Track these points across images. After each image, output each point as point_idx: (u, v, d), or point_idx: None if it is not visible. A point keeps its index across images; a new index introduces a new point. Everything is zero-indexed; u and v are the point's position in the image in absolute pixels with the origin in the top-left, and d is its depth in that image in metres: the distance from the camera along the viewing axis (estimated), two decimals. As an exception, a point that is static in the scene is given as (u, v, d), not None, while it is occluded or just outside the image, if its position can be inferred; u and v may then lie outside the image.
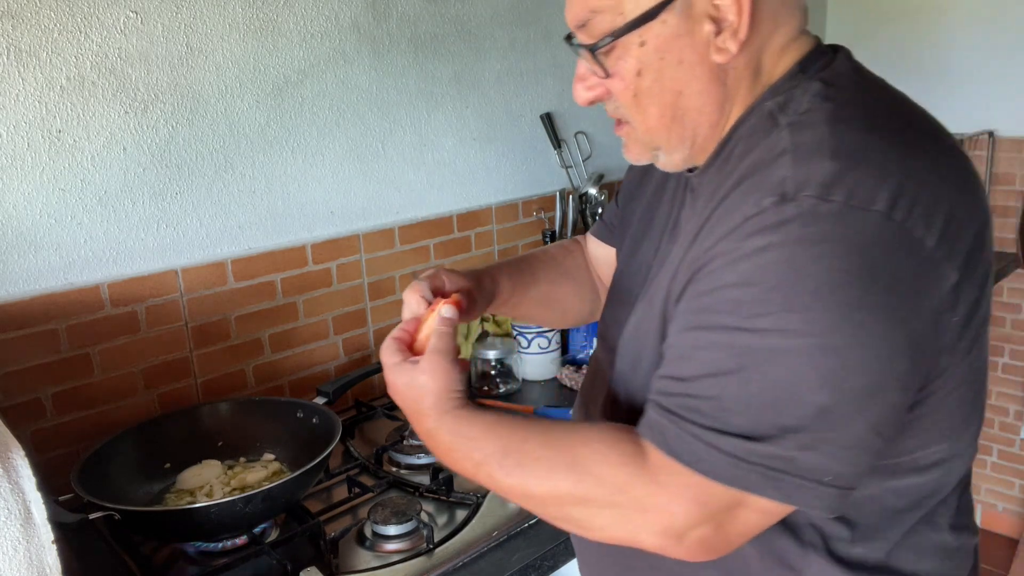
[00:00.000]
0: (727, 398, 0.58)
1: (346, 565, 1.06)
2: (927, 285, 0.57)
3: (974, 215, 0.61)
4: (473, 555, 1.07)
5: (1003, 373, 2.52)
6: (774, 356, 0.56)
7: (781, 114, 0.65)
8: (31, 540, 0.72)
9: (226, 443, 1.27)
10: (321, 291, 1.51)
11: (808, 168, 0.58)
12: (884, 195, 0.56)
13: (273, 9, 1.37)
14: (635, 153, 0.75)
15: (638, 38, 0.66)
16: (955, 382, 0.63)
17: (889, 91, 0.68)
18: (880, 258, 0.55)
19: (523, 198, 1.85)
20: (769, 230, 0.57)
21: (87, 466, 1.09)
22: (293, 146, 1.44)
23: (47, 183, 1.17)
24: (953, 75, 2.43)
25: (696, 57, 0.66)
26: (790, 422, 0.56)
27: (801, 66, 0.68)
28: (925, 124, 0.65)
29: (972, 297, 0.60)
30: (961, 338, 0.61)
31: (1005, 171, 2.40)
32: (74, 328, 1.21)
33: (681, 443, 0.60)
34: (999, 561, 2.49)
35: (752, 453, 0.57)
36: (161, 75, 1.26)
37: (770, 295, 0.56)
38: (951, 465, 0.69)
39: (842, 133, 0.60)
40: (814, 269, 0.55)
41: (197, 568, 1.07)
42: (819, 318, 0.55)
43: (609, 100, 0.72)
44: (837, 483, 0.58)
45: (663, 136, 0.71)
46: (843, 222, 0.55)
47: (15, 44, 1.11)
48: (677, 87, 0.67)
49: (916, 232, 0.56)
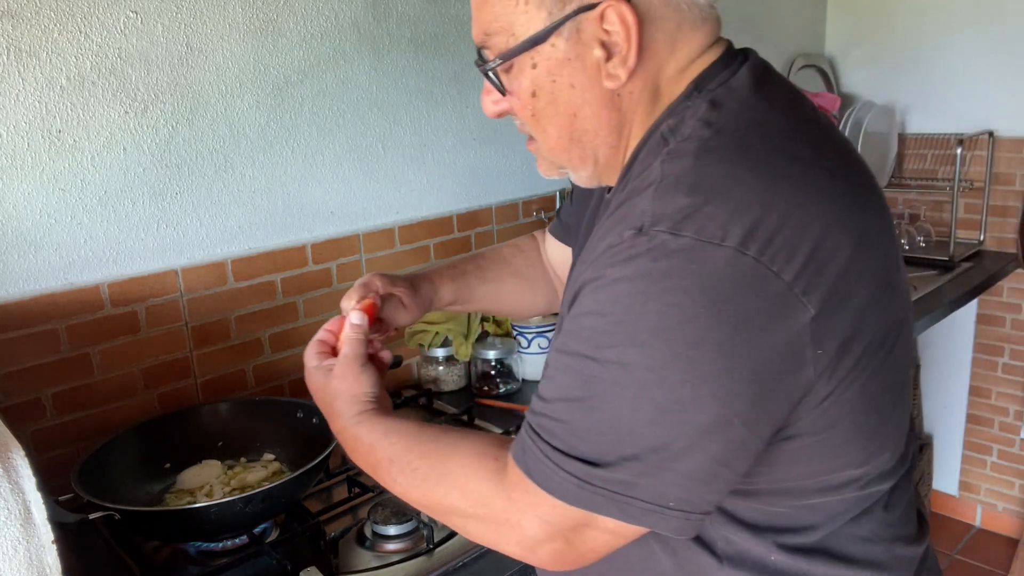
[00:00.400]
0: (575, 423, 0.60)
1: (346, 565, 1.06)
2: (778, 321, 0.56)
3: (846, 239, 0.59)
4: (473, 555, 1.07)
5: (1003, 373, 2.52)
6: (615, 388, 0.58)
7: (671, 136, 0.65)
8: (31, 540, 0.72)
9: (226, 443, 1.27)
10: (321, 291, 1.51)
11: (664, 202, 0.58)
12: (738, 230, 0.55)
13: (273, 9, 1.37)
14: (543, 168, 0.77)
15: (530, 60, 0.67)
16: (846, 409, 0.62)
17: (779, 104, 0.66)
18: (727, 294, 0.55)
19: (523, 198, 1.85)
20: (622, 263, 0.58)
21: (87, 466, 1.09)
22: (293, 146, 1.44)
23: (47, 183, 1.17)
24: (953, 75, 2.43)
25: (587, 82, 0.67)
26: (629, 451, 0.58)
27: (696, 84, 0.67)
28: (805, 146, 0.63)
29: (845, 327, 0.59)
30: (837, 368, 0.59)
31: (1005, 171, 2.40)
32: (74, 328, 1.21)
33: (536, 462, 0.62)
34: (999, 561, 2.49)
35: (596, 477, 0.59)
36: (161, 75, 1.26)
37: (617, 327, 0.58)
38: (869, 485, 0.68)
39: (704, 166, 0.60)
40: (658, 305, 0.56)
41: (197, 568, 1.07)
42: (656, 354, 0.56)
43: (515, 116, 0.74)
44: (682, 508, 0.59)
45: (564, 156, 0.73)
46: (692, 257, 0.55)
47: (15, 44, 1.11)
48: (571, 110, 0.69)
49: (774, 266, 0.55)
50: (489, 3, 0.68)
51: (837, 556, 0.69)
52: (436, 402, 1.55)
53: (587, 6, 0.64)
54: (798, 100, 0.68)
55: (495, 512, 0.65)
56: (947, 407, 2.66)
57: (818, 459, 0.64)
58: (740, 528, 0.67)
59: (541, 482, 0.61)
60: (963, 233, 2.47)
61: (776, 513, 0.67)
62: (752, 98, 0.65)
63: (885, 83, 2.58)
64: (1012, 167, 2.38)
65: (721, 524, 0.67)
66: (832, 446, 0.64)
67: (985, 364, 2.55)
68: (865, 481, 0.68)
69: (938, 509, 2.75)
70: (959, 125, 2.44)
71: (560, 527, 0.62)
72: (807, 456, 0.64)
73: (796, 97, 0.69)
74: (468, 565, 1.06)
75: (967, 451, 2.65)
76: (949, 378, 2.63)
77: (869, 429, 0.65)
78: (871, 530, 0.70)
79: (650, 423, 0.57)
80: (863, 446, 0.66)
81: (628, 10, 0.63)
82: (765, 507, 0.67)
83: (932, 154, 2.53)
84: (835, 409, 0.61)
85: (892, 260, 0.65)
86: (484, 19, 0.69)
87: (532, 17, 0.65)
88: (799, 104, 0.68)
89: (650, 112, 0.69)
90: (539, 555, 0.65)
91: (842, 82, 2.69)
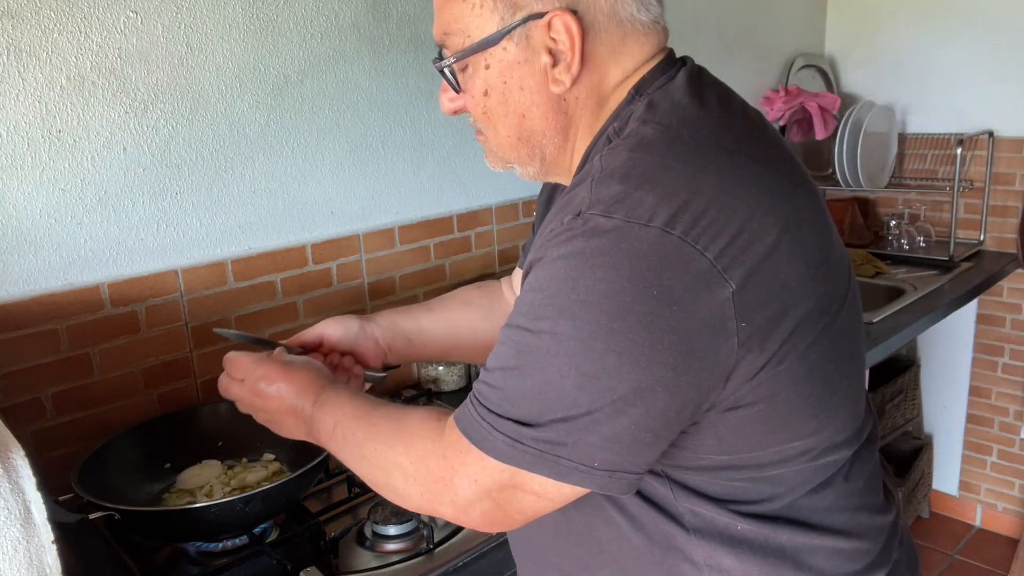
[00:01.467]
0: (509, 389, 0.65)
1: (346, 565, 1.06)
2: (701, 295, 0.60)
3: (772, 221, 0.64)
4: (473, 555, 1.07)
5: (1003, 373, 2.52)
6: (546, 356, 0.62)
7: (616, 137, 0.70)
8: (31, 540, 0.72)
9: (226, 443, 1.27)
10: (321, 291, 1.51)
11: (600, 190, 0.64)
12: (665, 212, 0.60)
13: (273, 9, 1.37)
14: (491, 162, 0.82)
15: (484, 61, 0.73)
16: (784, 379, 0.65)
17: (709, 102, 0.71)
18: (652, 270, 0.59)
19: (523, 198, 1.85)
20: (561, 243, 0.63)
21: (87, 466, 1.09)
22: (293, 146, 1.44)
23: (47, 183, 1.17)
24: (953, 75, 2.43)
25: (536, 85, 0.72)
26: (558, 415, 0.62)
27: (637, 88, 0.73)
28: (731, 139, 0.68)
29: (772, 302, 0.63)
30: (768, 339, 0.63)
31: (1005, 171, 2.40)
32: (74, 328, 1.21)
33: (471, 424, 0.67)
34: (999, 561, 2.49)
35: (526, 436, 0.63)
36: (161, 75, 1.26)
37: (551, 300, 0.62)
38: (822, 455, 0.71)
39: (637, 158, 0.65)
40: (589, 280, 0.60)
41: (197, 568, 1.07)
42: (584, 325, 0.60)
43: (469, 113, 0.79)
44: (607, 468, 0.63)
45: (512, 153, 0.78)
46: (621, 236, 0.60)
47: (15, 44, 1.11)
48: (520, 110, 0.74)
49: (698, 244, 0.60)
50: (448, 5, 0.73)
51: (802, 524, 0.72)
52: (436, 402, 1.55)
53: (536, 14, 0.69)
54: (728, 98, 0.74)
55: (431, 469, 0.70)
56: (947, 407, 2.66)
57: (765, 430, 0.68)
58: (704, 501, 0.71)
59: (477, 441, 0.66)
60: (963, 233, 2.47)
61: (735, 486, 0.71)
62: (684, 98, 0.70)
63: (885, 83, 2.58)
64: (1012, 167, 2.38)
65: (684, 497, 0.71)
66: (777, 416, 0.67)
67: (985, 364, 2.55)
68: (817, 451, 0.71)
69: (938, 509, 2.75)
70: (959, 125, 2.44)
71: (488, 488, 0.67)
72: (753, 427, 0.67)
73: (727, 96, 0.74)
74: (468, 565, 1.06)
75: (967, 451, 2.65)
76: (949, 378, 2.63)
77: (816, 399, 0.69)
78: (832, 500, 0.74)
79: (577, 388, 0.61)
80: (811, 415, 0.69)
81: (573, 21, 0.69)
82: (723, 481, 0.70)
83: (932, 154, 2.53)
84: (773, 379, 0.65)
85: (824, 240, 0.69)
86: (443, 19, 0.74)
87: (486, 20, 0.71)
88: (728, 102, 0.73)
89: (596, 116, 0.74)
90: (471, 516, 0.69)
91: (842, 82, 2.69)
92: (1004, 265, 2.32)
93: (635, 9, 0.71)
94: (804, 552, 0.72)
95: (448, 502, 0.69)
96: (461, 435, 0.68)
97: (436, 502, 0.70)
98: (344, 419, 0.79)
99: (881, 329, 1.84)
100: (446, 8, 0.73)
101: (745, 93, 0.81)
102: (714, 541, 0.71)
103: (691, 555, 0.71)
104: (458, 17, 0.72)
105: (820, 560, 0.72)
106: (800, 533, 0.72)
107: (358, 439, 0.77)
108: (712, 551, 0.71)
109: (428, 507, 0.72)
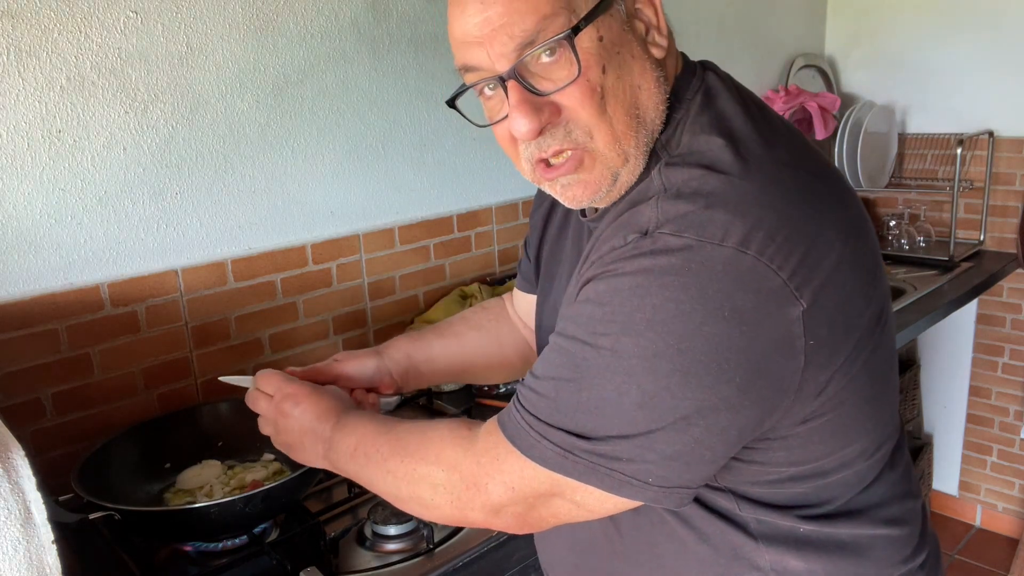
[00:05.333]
0: (561, 401, 0.63)
1: (346, 565, 1.06)
2: (773, 315, 0.59)
3: (836, 235, 0.63)
4: (473, 555, 1.07)
5: (1003, 373, 2.52)
6: (605, 373, 0.61)
7: (663, 152, 0.69)
8: (31, 540, 0.72)
9: (226, 443, 1.27)
10: (321, 291, 1.51)
11: (667, 208, 0.62)
12: (738, 231, 0.59)
13: (273, 9, 1.37)
14: (593, 185, 0.69)
15: (595, 33, 0.65)
16: (853, 388, 0.66)
17: (752, 113, 0.69)
18: (725, 291, 0.58)
19: (523, 198, 1.85)
20: (626, 260, 0.62)
21: (87, 466, 1.09)
22: (293, 146, 1.44)
23: (47, 183, 1.17)
24: (953, 75, 2.43)
25: (641, 52, 0.68)
26: (615, 431, 0.61)
27: (675, 93, 0.70)
28: (785, 151, 0.67)
29: (838, 315, 0.62)
30: (834, 353, 0.63)
31: (1005, 171, 2.40)
32: (74, 328, 1.21)
33: (518, 430, 0.66)
34: (999, 561, 2.49)
35: (578, 448, 0.62)
36: (161, 75, 1.25)
37: (614, 316, 0.61)
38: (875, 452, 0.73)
39: (701, 176, 0.63)
40: (656, 299, 0.59)
41: (197, 568, 1.07)
42: (649, 344, 0.59)
43: (554, 129, 0.67)
44: (662, 484, 0.62)
45: (631, 142, 0.68)
46: (692, 256, 0.59)
47: (15, 44, 1.11)
48: (636, 81, 0.67)
49: (773, 264, 0.59)
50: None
51: (859, 519, 0.73)
52: (436, 402, 1.55)
53: None
54: (765, 108, 0.72)
55: (464, 475, 0.69)
56: (947, 407, 2.66)
57: (832, 439, 0.68)
58: (768, 509, 0.71)
59: (524, 449, 0.65)
60: (963, 233, 2.47)
61: (798, 493, 0.71)
62: (729, 107, 0.69)
63: (885, 83, 2.58)
64: (1012, 167, 2.38)
65: (750, 508, 0.71)
66: (844, 424, 0.68)
67: (985, 364, 2.55)
68: (872, 449, 0.72)
69: (938, 509, 2.75)
70: (959, 125, 2.44)
71: (526, 495, 0.66)
72: (821, 436, 0.67)
73: (763, 106, 0.73)
74: (468, 565, 1.06)
75: (967, 451, 2.65)
76: (949, 378, 2.63)
77: (876, 402, 0.70)
78: (883, 492, 0.75)
79: (637, 407, 0.60)
80: (871, 416, 0.70)
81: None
82: (788, 490, 0.71)
83: (932, 154, 2.53)
84: (842, 390, 0.65)
85: (874, 249, 0.69)
86: (535, 5, 0.64)
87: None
88: (766, 112, 0.72)
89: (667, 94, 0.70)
90: (502, 519, 0.69)
91: (842, 82, 2.69)
92: (1004, 265, 2.32)
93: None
94: (864, 545, 0.73)
95: (479, 507, 0.69)
96: (497, 442, 0.67)
97: (467, 508, 0.70)
98: (367, 436, 0.78)
99: (881, 329, 1.84)
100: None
101: (745, 93, 0.81)
102: (779, 545, 0.71)
103: (757, 561, 0.72)
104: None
105: (878, 551, 0.74)
106: (858, 527, 0.73)
107: (383, 454, 0.76)
108: (778, 555, 0.71)
109: (458, 515, 0.71)
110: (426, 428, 0.75)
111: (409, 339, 1.05)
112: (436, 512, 0.73)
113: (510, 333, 1.09)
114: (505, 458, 0.66)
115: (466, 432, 0.71)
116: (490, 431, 0.69)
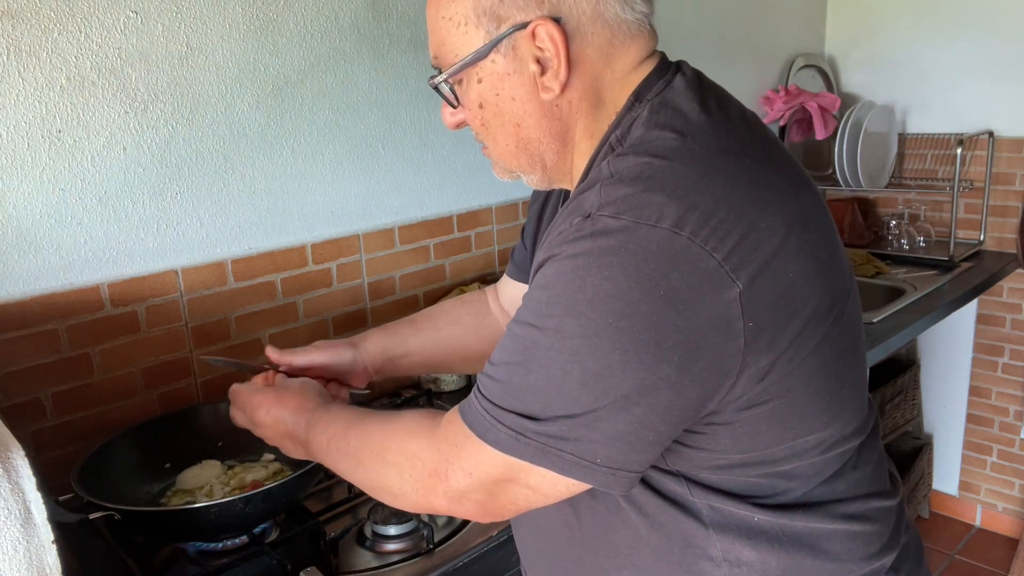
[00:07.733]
0: (513, 384, 0.66)
1: (346, 565, 1.06)
2: (708, 295, 0.61)
3: (780, 221, 0.65)
4: (473, 555, 1.07)
5: (1003, 373, 2.52)
6: (550, 353, 0.63)
7: (618, 145, 0.72)
8: (31, 540, 0.72)
9: (226, 443, 1.27)
10: (321, 291, 1.51)
11: (609, 192, 0.65)
12: (673, 213, 0.61)
13: (273, 9, 1.37)
14: (498, 172, 0.84)
15: (476, 75, 0.74)
16: (800, 374, 0.67)
17: (709, 107, 0.72)
18: (660, 270, 0.60)
19: (523, 198, 1.85)
20: (569, 243, 0.64)
21: (87, 466, 1.09)
22: (293, 146, 1.44)
23: (47, 183, 1.17)
24: (953, 75, 2.43)
25: (527, 94, 0.74)
26: (561, 411, 0.64)
27: (636, 95, 0.74)
28: (735, 142, 0.69)
29: (780, 300, 0.64)
30: (777, 338, 0.64)
31: (1005, 171, 2.40)
32: (74, 328, 1.21)
33: (476, 416, 0.68)
34: (999, 561, 2.49)
35: (529, 430, 0.65)
36: (161, 75, 1.25)
37: (558, 298, 0.63)
38: (833, 447, 0.73)
39: (645, 163, 0.66)
40: (596, 279, 0.61)
41: (197, 568, 1.07)
42: (590, 323, 0.61)
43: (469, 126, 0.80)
44: (609, 464, 0.65)
45: (514, 161, 0.79)
46: (629, 237, 0.61)
47: (15, 44, 1.11)
48: (515, 120, 0.75)
49: (707, 245, 0.61)
50: (437, 26, 0.75)
51: (816, 512, 0.74)
52: (436, 402, 1.55)
53: (520, 25, 0.71)
54: (726, 103, 0.74)
55: (426, 463, 0.71)
56: (947, 407, 2.66)
57: (779, 427, 0.69)
58: (721, 496, 0.72)
59: (480, 432, 0.67)
60: (963, 233, 2.47)
61: (750, 482, 0.72)
62: (686, 103, 0.71)
63: (885, 83, 2.58)
64: (1012, 167, 2.38)
65: (701, 494, 0.72)
66: (792, 412, 0.69)
67: (985, 364, 2.55)
68: (828, 444, 0.72)
69: (938, 509, 2.75)
70: (959, 125, 2.44)
71: (483, 480, 0.69)
72: (768, 424, 0.69)
73: (725, 100, 0.75)
74: (468, 565, 1.06)
75: (967, 451, 2.65)
76: (949, 378, 2.63)
77: (827, 394, 0.70)
78: (844, 488, 0.75)
79: (580, 386, 0.62)
80: (823, 409, 0.71)
81: (555, 28, 0.70)
82: (739, 477, 0.72)
83: (932, 154, 2.53)
84: (787, 377, 0.66)
85: (828, 238, 0.71)
86: (434, 40, 0.76)
87: (472, 36, 0.73)
88: (727, 106, 0.74)
89: (594, 119, 0.75)
90: (465, 506, 0.71)
91: (842, 82, 2.69)
92: (1004, 265, 2.32)
93: (619, 9, 0.72)
94: (820, 538, 0.73)
95: (442, 493, 0.71)
96: (456, 430, 0.69)
97: (431, 495, 0.72)
98: (338, 432, 0.82)
99: (881, 329, 1.84)
100: (435, 29, 0.75)
101: (745, 93, 0.81)
102: (732, 535, 0.72)
103: (709, 551, 0.73)
104: (446, 38, 0.74)
105: (835, 545, 0.74)
106: (815, 520, 0.73)
107: (352, 447, 0.79)
108: (730, 545, 0.72)
109: (423, 502, 0.73)
110: (392, 419, 0.78)
111: (385, 333, 1.08)
112: (404, 501, 0.75)
113: (488, 327, 1.12)
114: (464, 444, 0.68)
115: (429, 422, 0.74)
116: (451, 420, 0.71)
